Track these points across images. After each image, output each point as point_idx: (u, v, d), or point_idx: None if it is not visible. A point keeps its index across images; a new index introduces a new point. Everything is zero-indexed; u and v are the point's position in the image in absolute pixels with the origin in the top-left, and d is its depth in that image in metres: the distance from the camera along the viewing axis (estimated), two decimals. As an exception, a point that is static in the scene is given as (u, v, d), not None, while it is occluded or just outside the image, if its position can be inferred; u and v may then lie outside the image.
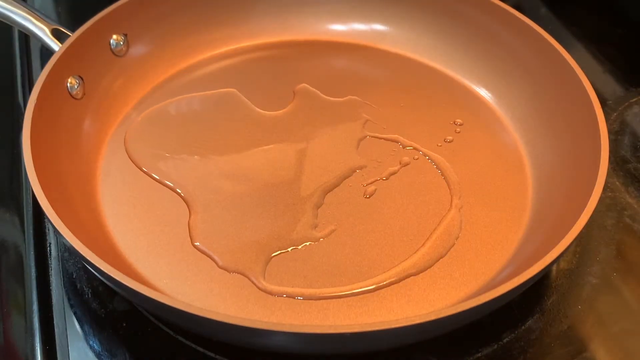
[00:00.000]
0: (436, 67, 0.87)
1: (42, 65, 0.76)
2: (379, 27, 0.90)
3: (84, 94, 0.76)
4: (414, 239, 0.68)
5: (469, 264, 0.66)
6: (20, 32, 0.95)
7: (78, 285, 0.65)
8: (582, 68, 0.73)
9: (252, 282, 0.64)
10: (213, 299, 0.63)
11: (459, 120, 0.81)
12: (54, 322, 0.63)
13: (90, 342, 0.62)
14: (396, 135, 0.78)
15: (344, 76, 0.87)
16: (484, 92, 0.84)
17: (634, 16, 0.98)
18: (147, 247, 0.67)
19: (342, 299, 0.63)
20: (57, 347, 0.61)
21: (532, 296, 0.64)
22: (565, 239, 0.58)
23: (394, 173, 0.75)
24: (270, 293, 0.63)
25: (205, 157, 0.76)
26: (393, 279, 0.65)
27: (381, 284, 0.64)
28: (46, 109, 0.69)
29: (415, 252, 0.67)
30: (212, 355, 0.60)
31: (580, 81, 0.71)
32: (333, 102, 0.83)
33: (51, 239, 0.70)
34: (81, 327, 0.63)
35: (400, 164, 0.76)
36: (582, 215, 0.59)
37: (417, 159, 0.76)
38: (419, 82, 0.85)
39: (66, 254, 0.68)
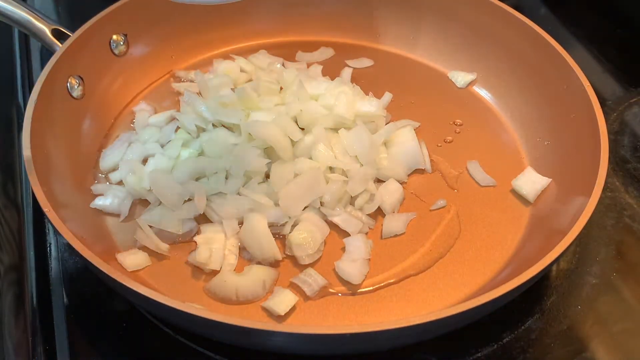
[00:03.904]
0: (436, 67, 0.87)
1: (42, 65, 0.76)
2: (379, 27, 0.90)
3: (84, 94, 0.76)
4: (413, 239, 0.68)
5: (469, 265, 0.66)
6: (20, 32, 0.95)
7: (78, 286, 0.65)
8: (581, 68, 0.73)
9: (252, 282, 0.64)
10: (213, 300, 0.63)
11: (458, 121, 0.81)
12: (54, 322, 0.63)
13: (90, 342, 0.62)
14: (396, 136, 0.78)
15: (344, 76, 0.87)
16: (483, 92, 0.84)
17: (634, 17, 0.98)
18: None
19: (342, 299, 0.63)
20: (57, 347, 0.61)
21: (531, 296, 0.64)
22: (565, 239, 0.58)
23: (393, 173, 0.75)
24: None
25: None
26: (392, 280, 0.65)
27: (380, 284, 0.64)
28: (46, 108, 0.69)
29: (414, 253, 0.67)
30: (212, 355, 0.60)
31: (579, 81, 0.71)
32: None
33: (51, 239, 0.70)
34: (81, 327, 0.63)
35: (400, 164, 0.76)
36: (582, 216, 0.59)
37: (417, 159, 0.76)
38: (419, 82, 0.86)
39: (66, 254, 0.68)
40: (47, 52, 0.77)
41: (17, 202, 0.75)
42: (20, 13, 0.74)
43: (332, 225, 0.68)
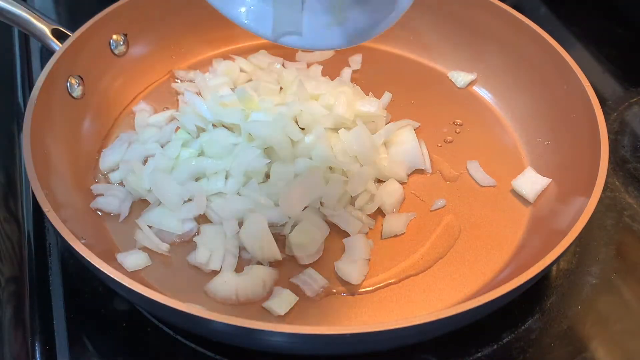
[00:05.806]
0: (436, 67, 0.87)
1: (42, 65, 0.76)
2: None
3: (84, 94, 0.76)
4: (413, 239, 0.68)
5: (469, 265, 0.66)
6: (20, 32, 0.95)
7: (78, 286, 0.65)
8: (581, 68, 0.73)
9: (252, 282, 0.64)
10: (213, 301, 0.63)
11: (459, 121, 0.81)
12: (54, 322, 0.63)
13: (90, 342, 0.62)
14: (396, 136, 0.78)
15: (344, 76, 0.87)
16: (483, 92, 0.84)
17: (633, 17, 0.98)
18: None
19: (342, 299, 0.63)
20: (57, 347, 0.61)
21: (531, 296, 0.64)
22: (565, 239, 0.58)
23: (393, 173, 0.75)
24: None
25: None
26: (392, 280, 0.65)
27: (380, 284, 0.65)
28: (46, 108, 0.69)
29: (414, 253, 0.67)
30: (212, 355, 0.60)
31: (580, 81, 0.71)
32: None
33: (51, 239, 0.70)
34: (81, 327, 0.63)
35: (400, 164, 0.76)
36: (582, 216, 0.59)
37: (417, 159, 0.76)
38: (419, 82, 0.86)
39: (66, 254, 0.68)
40: (47, 52, 0.77)
41: (18, 200, 0.75)
42: (20, 13, 0.74)
43: (332, 225, 0.68)
